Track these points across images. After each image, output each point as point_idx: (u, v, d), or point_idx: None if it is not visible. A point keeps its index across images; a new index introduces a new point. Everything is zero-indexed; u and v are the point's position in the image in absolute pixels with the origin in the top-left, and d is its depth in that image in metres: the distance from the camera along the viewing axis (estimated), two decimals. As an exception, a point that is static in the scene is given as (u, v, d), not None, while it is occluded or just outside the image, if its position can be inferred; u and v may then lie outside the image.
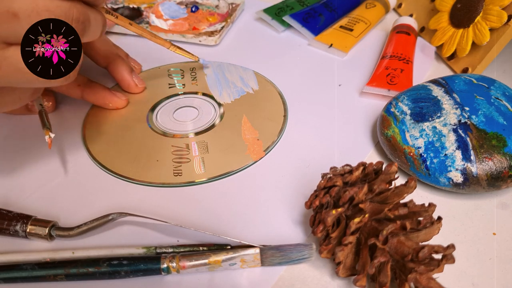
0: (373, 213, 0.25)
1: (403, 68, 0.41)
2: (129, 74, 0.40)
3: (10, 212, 0.29)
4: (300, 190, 0.32)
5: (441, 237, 0.27)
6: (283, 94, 0.41)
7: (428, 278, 0.23)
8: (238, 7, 0.52)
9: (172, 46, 0.39)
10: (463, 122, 0.31)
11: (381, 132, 0.34)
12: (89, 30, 0.26)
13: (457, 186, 0.30)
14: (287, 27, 0.51)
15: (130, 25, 0.35)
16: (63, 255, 0.27)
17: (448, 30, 0.44)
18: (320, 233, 0.25)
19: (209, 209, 0.31)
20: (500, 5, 0.39)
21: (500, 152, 0.29)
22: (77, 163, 0.34)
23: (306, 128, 0.37)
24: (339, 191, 0.25)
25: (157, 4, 0.52)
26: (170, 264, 0.26)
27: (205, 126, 0.37)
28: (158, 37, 0.38)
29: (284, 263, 0.27)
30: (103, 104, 0.39)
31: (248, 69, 0.44)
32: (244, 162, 0.34)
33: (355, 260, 0.26)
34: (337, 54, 0.47)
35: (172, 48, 0.39)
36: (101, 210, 0.30)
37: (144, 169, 0.33)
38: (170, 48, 0.39)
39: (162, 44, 0.39)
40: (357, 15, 0.50)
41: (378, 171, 0.26)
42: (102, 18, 0.28)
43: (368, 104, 0.40)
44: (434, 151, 0.30)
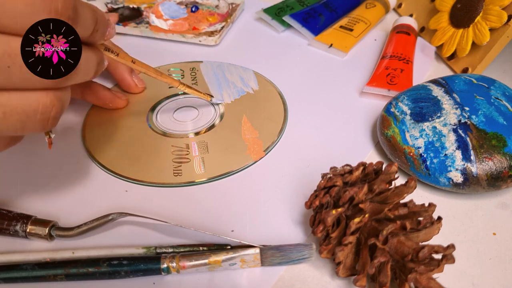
0: (373, 213, 0.25)
1: (403, 68, 0.41)
2: (129, 74, 0.40)
3: (10, 212, 0.29)
4: (300, 190, 0.32)
5: (441, 237, 0.27)
6: (283, 94, 0.41)
7: (428, 278, 0.23)
8: (238, 7, 0.53)
9: (181, 85, 0.36)
10: (463, 122, 0.31)
11: (381, 132, 0.34)
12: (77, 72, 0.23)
13: (457, 186, 0.30)
14: (287, 27, 0.51)
15: (133, 63, 0.32)
16: (63, 255, 0.27)
17: (448, 30, 0.44)
18: (320, 233, 0.25)
19: (209, 209, 0.31)
20: (500, 5, 0.39)
21: (500, 152, 0.29)
22: (77, 163, 0.34)
23: (306, 128, 0.37)
24: (339, 191, 0.25)
25: (157, 4, 0.52)
26: (170, 264, 0.26)
27: (205, 126, 0.37)
28: (165, 76, 0.35)
29: (284, 263, 0.27)
30: (103, 104, 0.39)
31: (248, 69, 0.44)
32: (244, 162, 0.34)
33: (355, 260, 0.26)
34: (337, 54, 0.47)
35: (181, 86, 0.36)
36: (101, 210, 0.30)
37: (144, 169, 0.33)
38: (179, 87, 0.36)
39: (170, 83, 0.36)
40: (357, 15, 0.50)
41: (378, 171, 0.26)
42: (97, 58, 0.25)
43: (368, 104, 0.40)
44: (434, 151, 0.30)
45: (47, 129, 0.23)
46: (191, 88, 0.37)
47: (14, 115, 0.21)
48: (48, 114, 0.22)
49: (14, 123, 0.21)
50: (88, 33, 0.23)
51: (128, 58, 0.31)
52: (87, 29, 0.23)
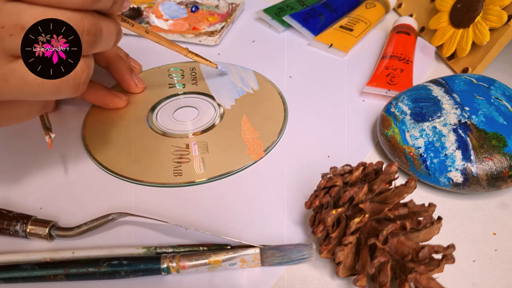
0: (373, 213, 0.25)
1: (403, 68, 0.41)
2: (129, 74, 0.40)
3: (10, 212, 0.29)
4: (300, 190, 0.32)
5: (441, 237, 0.27)
6: (283, 94, 0.41)
7: (428, 278, 0.23)
8: (238, 7, 0.52)
9: (190, 53, 0.38)
10: (463, 122, 0.31)
11: (381, 132, 0.34)
12: (100, 41, 0.25)
13: (457, 186, 0.30)
14: (287, 27, 0.51)
15: (146, 33, 0.34)
16: (63, 255, 0.27)
17: (448, 30, 0.44)
18: (320, 233, 0.25)
19: (209, 209, 0.31)
20: (500, 5, 0.39)
21: (500, 152, 0.29)
22: (77, 163, 0.34)
23: (306, 128, 0.37)
24: (339, 191, 0.25)
25: (157, 4, 0.52)
26: (170, 264, 0.26)
27: (205, 126, 0.37)
28: (175, 45, 0.37)
29: (284, 263, 0.27)
30: (103, 104, 0.39)
31: (248, 69, 0.44)
32: (244, 162, 0.34)
33: (355, 260, 0.26)
34: (337, 54, 0.47)
35: (190, 55, 0.38)
36: (101, 210, 0.30)
37: (144, 169, 0.33)
38: (188, 55, 0.38)
39: (179, 51, 0.37)
40: (357, 15, 0.50)
41: (378, 171, 0.26)
42: (116, 28, 0.27)
43: (368, 104, 0.40)
44: (434, 151, 0.30)
45: (78, 93, 0.25)
46: (198, 56, 0.39)
47: (51, 80, 0.24)
48: (79, 79, 0.25)
49: (51, 88, 0.24)
50: (109, 5, 0.25)
51: (142, 28, 0.34)
52: (108, 1, 0.25)
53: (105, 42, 0.26)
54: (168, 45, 0.36)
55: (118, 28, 0.28)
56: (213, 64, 0.40)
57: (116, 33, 0.27)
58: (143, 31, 0.34)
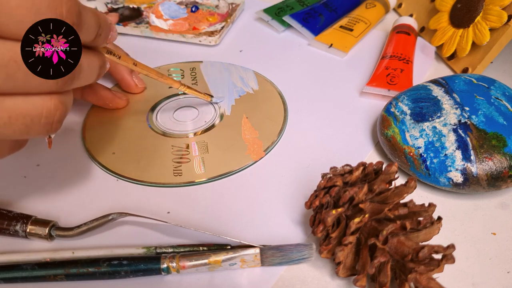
0: (373, 213, 0.25)
1: (403, 68, 0.41)
2: (129, 74, 0.40)
3: (10, 212, 0.29)
4: (300, 190, 0.32)
5: (441, 237, 0.27)
6: (283, 94, 0.41)
7: (428, 278, 0.23)
8: (238, 7, 0.52)
9: (182, 86, 0.36)
10: (463, 122, 0.31)
11: (381, 132, 0.34)
12: (79, 76, 0.23)
13: (457, 186, 0.30)
14: (287, 27, 0.51)
15: (135, 66, 0.32)
16: (63, 255, 0.27)
17: (448, 30, 0.44)
18: (320, 233, 0.25)
19: (209, 209, 0.31)
20: (500, 5, 0.39)
21: (500, 152, 0.29)
22: (77, 163, 0.34)
23: (306, 128, 0.37)
24: (339, 191, 0.25)
25: (157, 4, 0.52)
26: (170, 264, 0.26)
27: (205, 126, 0.37)
28: (166, 77, 0.35)
29: (284, 263, 0.27)
30: (103, 104, 0.39)
31: (248, 69, 0.44)
32: (244, 162, 0.34)
33: (355, 260, 0.26)
34: (337, 54, 0.47)
35: (182, 88, 0.36)
36: (101, 210, 0.30)
37: (144, 169, 0.33)
38: (180, 88, 0.36)
39: (171, 84, 0.36)
40: (357, 15, 0.50)
41: (378, 171, 0.26)
42: (99, 61, 0.25)
43: (368, 104, 0.40)
44: (434, 151, 0.30)
45: (51, 132, 0.23)
46: (191, 89, 0.37)
47: (20, 119, 0.21)
48: (52, 118, 0.22)
49: (20, 127, 0.22)
50: (92, 37, 0.23)
51: (130, 61, 0.32)
52: (90, 34, 0.23)
53: (84, 77, 0.24)
54: (158, 78, 0.35)
55: (102, 61, 0.25)
56: (207, 96, 0.39)
57: (99, 66, 0.25)
58: (131, 63, 0.32)
